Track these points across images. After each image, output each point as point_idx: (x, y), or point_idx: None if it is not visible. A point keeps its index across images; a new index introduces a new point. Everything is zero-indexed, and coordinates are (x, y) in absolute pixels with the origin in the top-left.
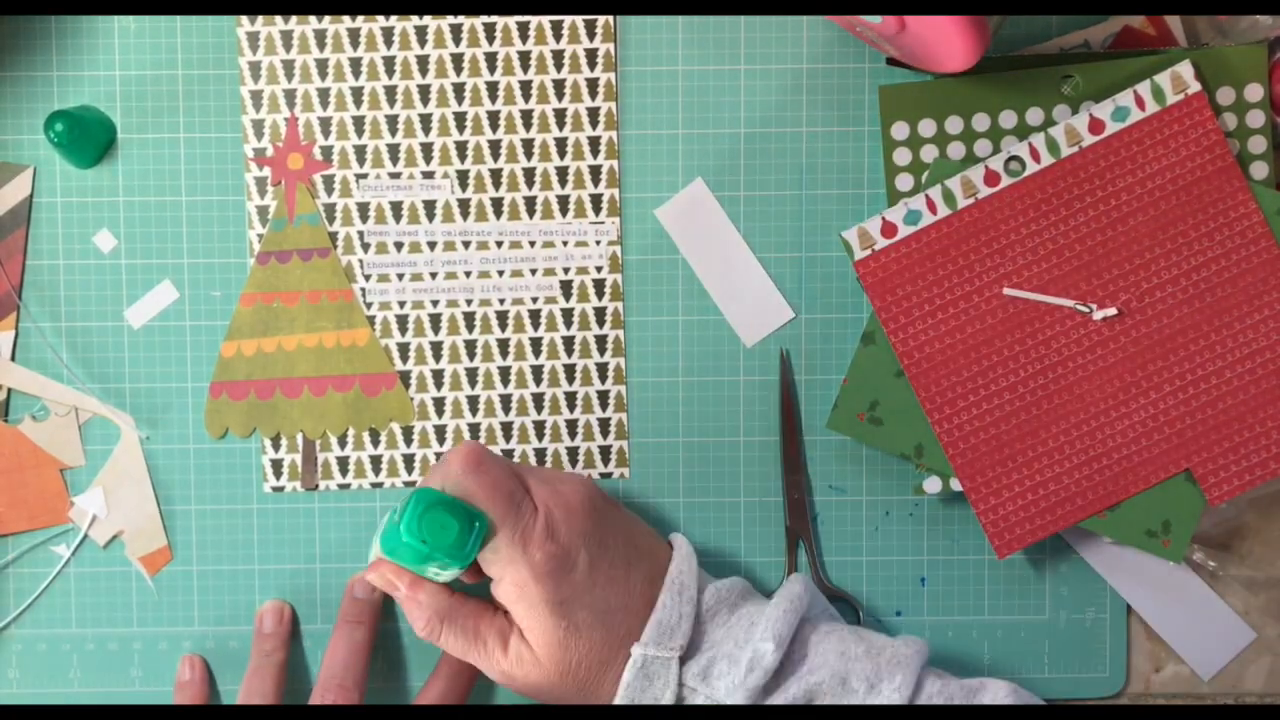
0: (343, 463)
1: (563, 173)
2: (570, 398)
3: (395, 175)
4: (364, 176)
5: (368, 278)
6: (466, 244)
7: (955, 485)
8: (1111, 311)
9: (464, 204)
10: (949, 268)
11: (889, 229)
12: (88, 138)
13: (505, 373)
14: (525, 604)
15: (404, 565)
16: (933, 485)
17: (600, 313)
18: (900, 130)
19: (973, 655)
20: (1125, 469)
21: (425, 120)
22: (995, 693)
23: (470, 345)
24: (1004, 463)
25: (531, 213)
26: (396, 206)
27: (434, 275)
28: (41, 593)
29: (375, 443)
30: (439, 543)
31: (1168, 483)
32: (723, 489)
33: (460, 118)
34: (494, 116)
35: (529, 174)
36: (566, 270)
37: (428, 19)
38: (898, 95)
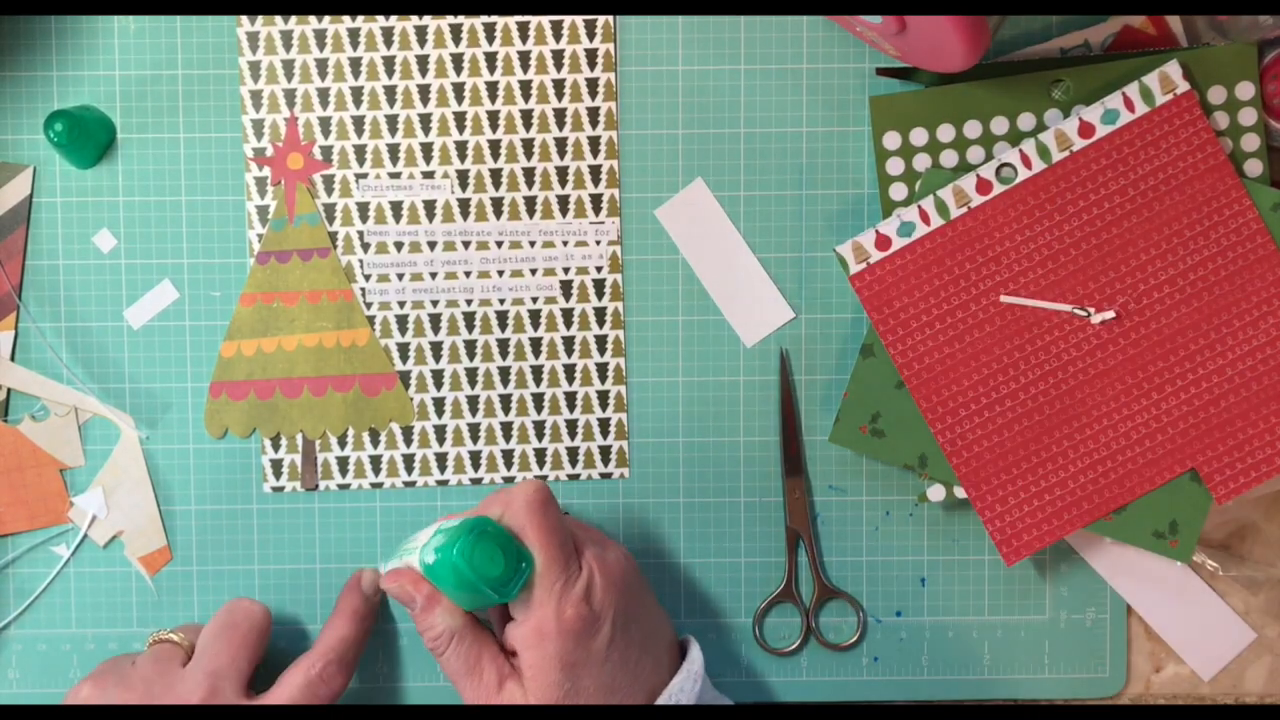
0: (342, 463)
1: (563, 173)
2: (570, 398)
3: (395, 175)
4: (364, 176)
5: (368, 278)
6: (466, 244)
7: (959, 493)
8: (1110, 314)
9: (464, 204)
10: (945, 278)
11: (883, 242)
12: (88, 138)
13: (505, 373)
14: (538, 653)
15: (437, 583)
16: (936, 494)
17: (600, 313)
18: (892, 140)
19: (973, 655)
20: (1130, 471)
21: (425, 120)
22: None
23: (470, 345)
24: (1008, 470)
25: (531, 213)
26: (396, 206)
27: (434, 275)
28: (41, 593)
29: (375, 443)
30: (484, 574)
31: (1173, 483)
32: (723, 489)
33: (460, 118)
34: (494, 116)
35: (529, 174)
36: (566, 270)
37: (428, 19)
38: (889, 105)
